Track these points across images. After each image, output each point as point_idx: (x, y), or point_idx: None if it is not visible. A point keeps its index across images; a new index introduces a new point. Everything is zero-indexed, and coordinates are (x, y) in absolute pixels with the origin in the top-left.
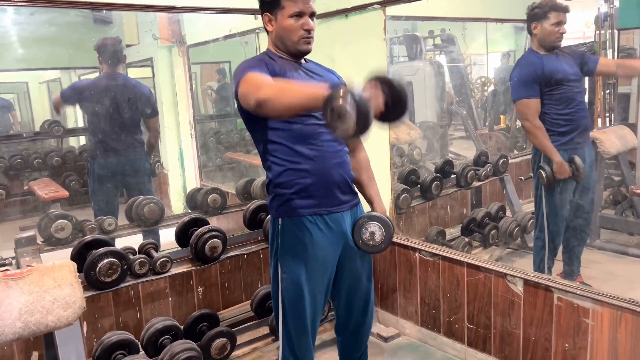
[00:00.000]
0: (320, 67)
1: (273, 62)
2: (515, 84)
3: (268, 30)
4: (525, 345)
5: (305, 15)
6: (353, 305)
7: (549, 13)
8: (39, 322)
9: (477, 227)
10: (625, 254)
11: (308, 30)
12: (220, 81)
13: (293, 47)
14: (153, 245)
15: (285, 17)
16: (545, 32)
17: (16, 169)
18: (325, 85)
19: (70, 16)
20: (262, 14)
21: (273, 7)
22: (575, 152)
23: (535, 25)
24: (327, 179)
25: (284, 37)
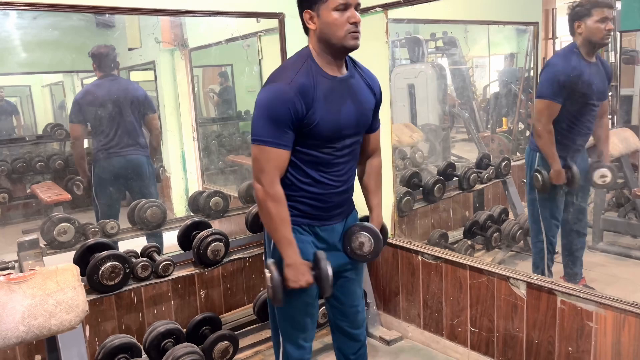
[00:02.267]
0: (359, 75)
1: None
2: (546, 81)
3: (309, 29)
4: (529, 349)
5: (350, 7)
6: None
7: (593, 10)
8: (41, 325)
9: (479, 230)
10: (629, 256)
11: (355, 24)
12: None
13: (339, 43)
14: (155, 249)
15: (329, 10)
16: (590, 30)
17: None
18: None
19: (73, 20)
20: (302, 11)
21: (314, 1)
22: (577, 154)
23: (578, 24)
24: (328, 205)
25: (329, 34)
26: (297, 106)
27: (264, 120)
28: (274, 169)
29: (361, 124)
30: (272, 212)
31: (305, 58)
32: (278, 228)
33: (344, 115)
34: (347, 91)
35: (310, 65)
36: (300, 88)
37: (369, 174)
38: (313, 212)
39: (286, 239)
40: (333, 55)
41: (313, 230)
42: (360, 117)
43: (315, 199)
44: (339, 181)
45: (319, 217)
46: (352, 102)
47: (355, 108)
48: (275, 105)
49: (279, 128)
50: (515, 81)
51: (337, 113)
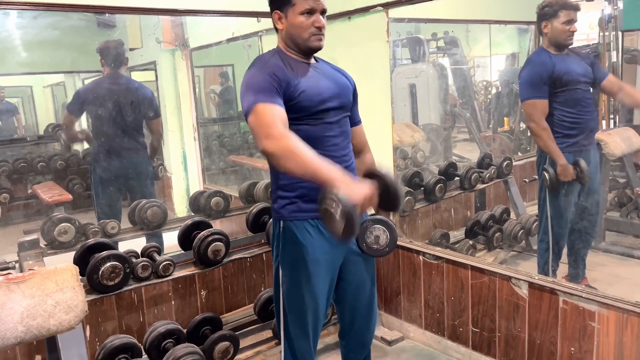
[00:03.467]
0: (330, 67)
1: (284, 65)
2: (524, 84)
3: (278, 29)
4: (531, 349)
5: (316, 13)
6: (357, 309)
7: (559, 11)
8: (40, 326)
9: (481, 230)
10: (631, 256)
11: (319, 28)
12: (223, 84)
13: (304, 44)
14: (156, 249)
15: (295, 14)
16: (556, 30)
17: (20, 172)
18: (331, 170)
19: (74, 20)
20: (272, 11)
21: (283, 4)
22: (581, 154)
23: (545, 24)
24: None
25: (295, 34)
26: (277, 74)
27: (251, 90)
28: (276, 120)
29: (343, 98)
30: (298, 150)
31: (275, 51)
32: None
33: (324, 87)
34: (321, 72)
35: (281, 54)
36: (277, 67)
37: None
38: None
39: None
40: (300, 52)
41: (318, 225)
42: (341, 90)
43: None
44: (335, 157)
45: None
46: (328, 78)
47: (332, 83)
48: (255, 77)
49: (267, 91)
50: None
51: (317, 84)
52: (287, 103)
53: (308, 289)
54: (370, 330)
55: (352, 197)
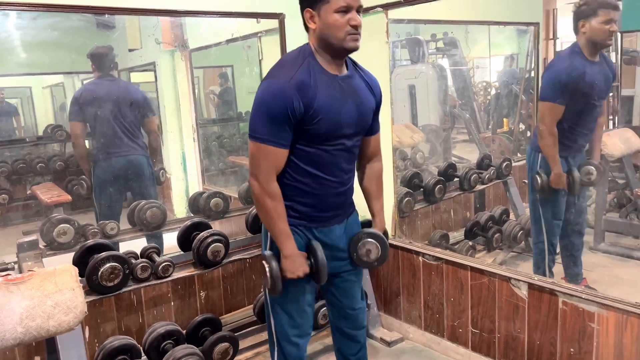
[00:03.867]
0: (359, 76)
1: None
2: (548, 84)
3: (309, 28)
4: (530, 350)
5: (352, 10)
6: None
7: (599, 10)
8: (40, 327)
9: (480, 231)
10: (630, 257)
11: (355, 27)
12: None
13: (339, 44)
14: (155, 250)
15: (330, 12)
16: (594, 30)
17: (19, 173)
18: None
19: (73, 21)
20: (303, 9)
21: (316, 1)
22: (577, 154)
23: (582, 23)
24: (325, 205)
25: (329, 34)
26: (295, 104)
27: (262, 117)
28: (271, 167)
29: (361, 124)
30: (269, 207)
31: (306, 55)
32: (275, 222)
33: (344, 114)
34: (347, 90)
35: (310, 63)
36: (300, 86)
37: (370, 178)
38: (311, 214)
39: (284, 232)
40: (333, 54)
41: (310, 232)
42: (360, 116)
43: (312, 198)
44: (337, 182)
45: (317, 219)
46: (353, 100)
47: (355, 107)
48: (274, 103)
49: (277, 126)
50: (516, 82)
51: (337, 111)
52: (301, 127)
53: (295, 287)
54: (357, 328)
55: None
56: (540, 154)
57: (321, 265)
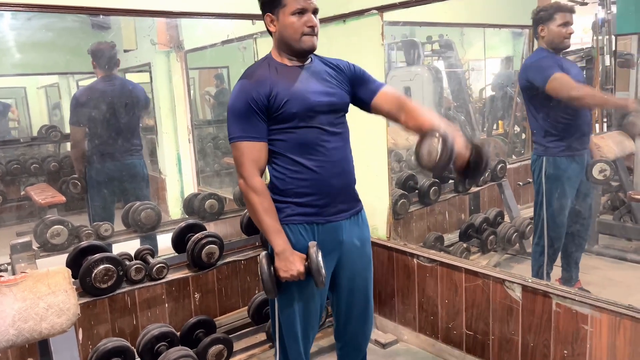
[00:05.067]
0: (323, 63)
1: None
2: (536, 68)
3: (271, 32)
4: (524, 352)
5: (307, 12)
6: (351, 313)
7: (555, 14)
8: (32, 329)
9: (475, 233)
10: (624, 259)
11: (312, 27)
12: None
13: (297, 45)
14: (149, 251)
15: (287, 15)
16: (552, 33)
17: (13, 174)
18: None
19: (68, 21)
20: (264, 15)
21: (274, 6)
22: (575, 157)
23: (542, 27)
24: (327, 189)
25: (287, 36)
26: (254, 95)
27: (232, 119)
28: (251, 162)
29: (333, 101)
30: (255, 202)
31: (265, 58)
32: (263, 218)
33: (311, 91)
34: (309, 74)
35: (270, 61)
36: (258, 79)
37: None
38: (311, 205)
39: (273, 227)
40: (293, 55)
41: (312, 230)
42: (330, 93)
43: (312, 185)
44: (329, 165)
45: (319, 212)
46: (317, 80)
47: (320, 85)
48: (237, 102)
49: (246, 121)
50: (511, 84)
51: (302, 89)
52: (272, 115)
53: (299, 293)
54: (365, 335)
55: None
56: (545, 157)
57: (315, 268)
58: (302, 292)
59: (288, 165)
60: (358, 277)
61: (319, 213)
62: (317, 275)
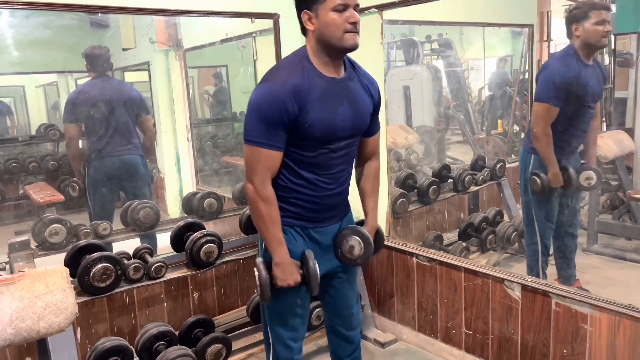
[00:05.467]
0: (358, 77)
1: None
2: (544, 84)
3: (308, 30)
4: (523, 351)
5: (349, 8)
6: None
7: (590, 12)
8: (30, 328)
9: (474, 232)
10: (623, 258)
11: (354, 24)
12: (216, 85)
13: (338, 43)
14: (148, 250)
15: (327, 11)
16: (588, 32)
17: (11, 172)
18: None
19: (66, 19)
20: (300, 12)
21: (312, 2)
22: (571, 156)
23: (576, 27)
24: (322, 205)
25: (327, 34)
26: (288, 107)
27: (256, 120)
28: (265, 170)
29: (357, 127)
30: (263, 212)
31: (301, 58)
32: (268, 228)
33: (340, 117)
34: (344, 93)
35: (305, 66)
36: (293, 89)
37: (367, 177)
38: (306, 214)
39: (276, 238)
40: (331, 55)
41: (305, 232)
42: (356, 119)
43: (308, 200)
44: (333, 183)
45: (312, 219)
46: (349, 103)
47: (351, 110)
48: (267, 106)
49: (271, 129)
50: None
51: (332, 114)
52: (295, 130)
53: (289, 291)
54: (352, 329)
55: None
56: (533, 155)
57: (312, 277)
58: (291, 297)
59: (293, 177)
60: (343, 279)
61: (311, 219)
62: (315, 284)
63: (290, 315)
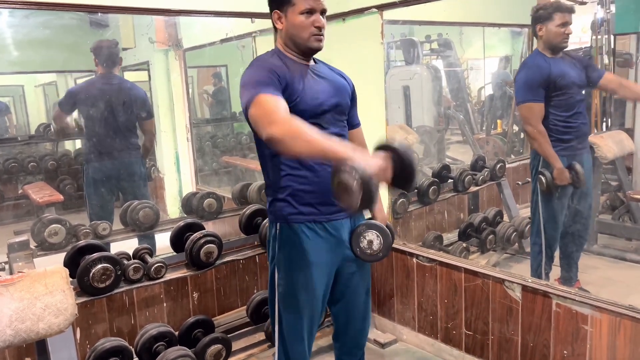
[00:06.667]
0: (329, 68)
1: (283, 65)
2: (520, 87)
3: (277, 28)
4: (524, 352)
5: (316, 12)
6: (351, 312)
7: (554, 14)
8: (29, 329)
9: (474, 232)
10: (623, 259)
11: (319, 28)
12: (216, 85)
13: (304, 44)
14: (148, 251)
15: (295, 14)
16: (550, 33)
17: (10, 172)
18: (340, 146)
19: (66, 19)
20: (271, 11)
21: (283, 4)
22: (575, 157)
23: (540, 27)
24: (325, 187)
25: (295, 34)
26: (278, 72)
27: (252, 84)
28: (280, 106)
29: (341, 102)
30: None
31: (274, 52)
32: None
33: (322, 91)
34: (319, 74)
35: (279, 54)
36: (275, 67)
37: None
38: (318, 201)
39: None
40: (300, 53)
41: (321, 226)
42: (338, 94)
43: (314, 183)
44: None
45: (320, 210)
46: (326, 82)
47: (329, 86)
48: (258, 72)
49: (269, 84)
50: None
51: (314, 89)
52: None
53: (305, 292)
54: (364, 333)
55: (369, 168)
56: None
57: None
58: (307, 290)
59: (289, 162)
60: (358, 275)
61: (320, 212)
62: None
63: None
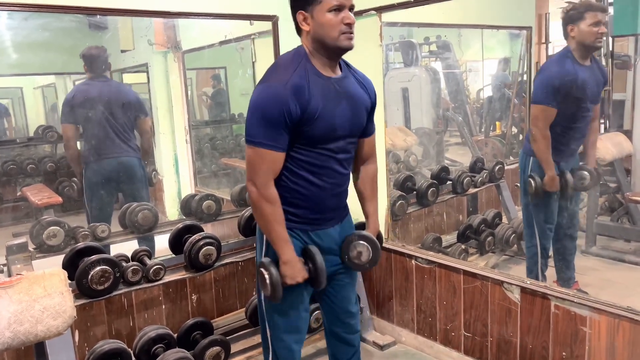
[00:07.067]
0: (354, 77)
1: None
2: (541, 87)
3: (303, 31)
4: (522, 354)
5: (344, 9)
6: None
7: (586, 13)
8: (28, 331)
9: (473, 234)
10: (622, 260)
11: (349, 25)
12: (215, 87)
13: (333, 44)
14: (146, 253)
15: (323, 12)
16: (583, 34)
17: (9, 174)
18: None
19: (65, 21)
20: (295, 12)
21: (308, 3)
22: (570, 158)
23: (571, 27)
24: (321, 207)
25: (323, 35)
26: (291, 108)
27: (259, 121)
28: (268, 171)
29: (355, 126)
30: (267, 212)
31: (301, 58)
32: (274, 227)
33: (339, 116)
34: (341, 92)
35: (305, 65)
36: (295, 89)
37: (364, 180)
38: (307, 216)
39: (282, 237)
40: (327, 56)
41: (306, 235)
42: (354, 118)
43: (308, 200)
44: (332, 183)
45: (312, 221)
46: (347, 102)
47: (349, 109)
48: (269, 107)
49: (274, 130)
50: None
51: (331, 113)
52: (296, 130)
53: (293, 291)
54: (351, 332)
55: (286, 277)
56: (532, 157)
57: (320, 270)
58: (296, 296)
59: (293, 178)
60: (344, 281)
61: (311, 222)
62: (322, 278)
63: (295, 316)
